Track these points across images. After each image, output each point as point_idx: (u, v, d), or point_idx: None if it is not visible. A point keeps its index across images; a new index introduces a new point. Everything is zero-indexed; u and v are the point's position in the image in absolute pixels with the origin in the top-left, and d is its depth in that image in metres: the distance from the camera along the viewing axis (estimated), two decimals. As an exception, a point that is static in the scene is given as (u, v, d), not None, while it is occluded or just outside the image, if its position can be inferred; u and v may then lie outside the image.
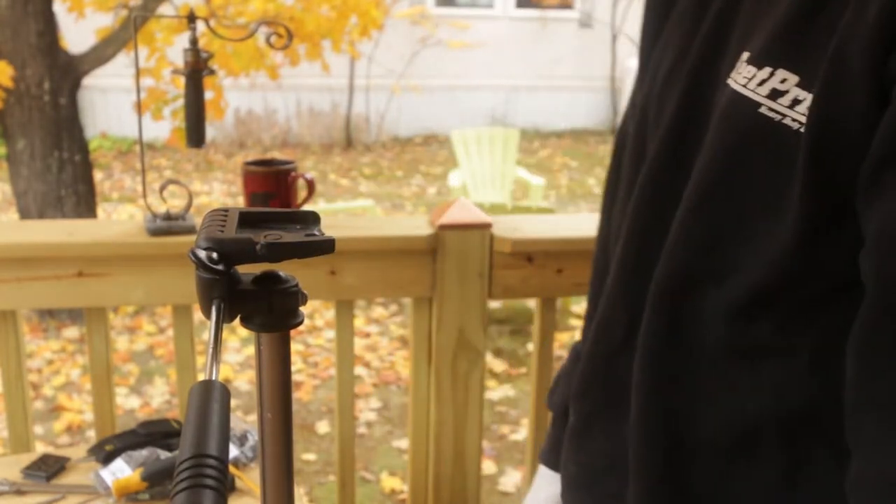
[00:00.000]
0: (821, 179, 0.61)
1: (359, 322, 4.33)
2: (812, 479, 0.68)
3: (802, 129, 0.61)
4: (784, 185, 0.64)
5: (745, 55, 0.67)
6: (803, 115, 0.61)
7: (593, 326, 0.85)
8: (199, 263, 0.45)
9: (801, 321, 0.67)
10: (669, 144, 0.74)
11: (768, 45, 0.65)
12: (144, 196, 1.42)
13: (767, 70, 0.64)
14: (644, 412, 0.75)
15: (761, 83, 0.64)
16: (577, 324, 4.37)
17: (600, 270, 0.92)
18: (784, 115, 0.63)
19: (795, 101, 0.62)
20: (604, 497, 0.84)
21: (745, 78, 0.66)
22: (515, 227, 1.48)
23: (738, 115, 0.66)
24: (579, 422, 0.88)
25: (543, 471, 0.99)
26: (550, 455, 0.98)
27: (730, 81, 0.67)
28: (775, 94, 0.63)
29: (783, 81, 0.63)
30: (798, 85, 0.62)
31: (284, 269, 0.50)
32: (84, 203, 4.23)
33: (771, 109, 0.63)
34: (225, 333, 1.11)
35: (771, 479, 0.70)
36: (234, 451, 1.27)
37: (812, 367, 0.67)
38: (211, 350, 0.43)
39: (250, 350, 3.98)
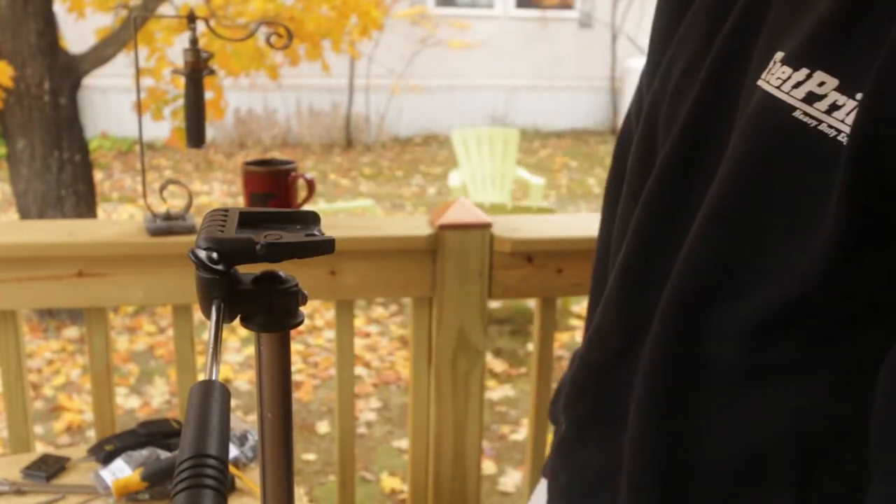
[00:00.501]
0: (864, 189, 0.57)
1: (359, 322, 4.33)
2: None
3: (840, 137, 0.57)
4: (816, 197, 0.59)
5: (779, 55, 0.62)
6: (841, 121, 0.57)
7: (589, 333, 0.82)
8: (199, 263, 0.46)
9: (825, 344, 0.63)
10: (683, 147, 0.70)
11: (806, 44, 0.61)
12: (144, 196, 1.42)
13: (804, 72, 0.60)
14: (644, 427, 0.71)
15: (797, 85, 0.60)
16: (577, 324, 4.36)
17: (600, 279, 0.87)
18: (820, 121, 0.58)
19: (833, 107, 0.58)
20: None
21: (779, 79, 0.61)
22: (515, 227, 1.48)
23: (770, 119, 0.61)
24: (570, 430, 0.84)
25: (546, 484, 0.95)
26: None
27: (761, 82, 0.63)
28: (812, 98, 0.59)
29: (821, 85, 0.59)
30: (837, 89, 0.58)
31: (284, 269, 0.50)
32: (84, 203, 4.23)
33: (806, 114, 0.59)
34: (225, 333, 1.11)
35: None
36: (234, 451, 1.27)
37: (834, 392, 0.63)
38: (211, 350, 0.43)
39: (250, 350, 3.98)
